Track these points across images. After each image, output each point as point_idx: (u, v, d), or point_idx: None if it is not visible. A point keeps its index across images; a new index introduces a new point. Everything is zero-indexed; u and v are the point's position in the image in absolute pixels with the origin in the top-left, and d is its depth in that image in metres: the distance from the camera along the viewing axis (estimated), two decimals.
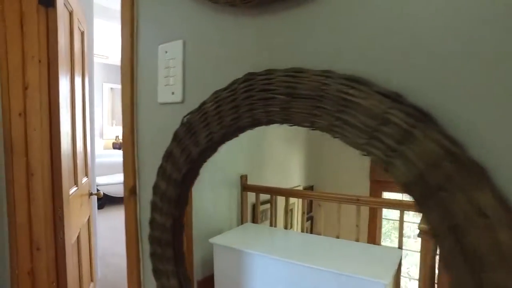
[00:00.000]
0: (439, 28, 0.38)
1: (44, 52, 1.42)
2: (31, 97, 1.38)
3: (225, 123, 0.51)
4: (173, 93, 0.63)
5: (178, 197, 0.59)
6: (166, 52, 0.64)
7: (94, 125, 2.40)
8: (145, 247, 0.73)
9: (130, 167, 0.71)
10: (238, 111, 0.50)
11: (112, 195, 5.48)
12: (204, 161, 0.57)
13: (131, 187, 0.72)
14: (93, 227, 2.26)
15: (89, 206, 2.17)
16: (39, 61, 1.41)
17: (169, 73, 0.63)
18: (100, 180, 5.05)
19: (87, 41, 2.22)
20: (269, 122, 0.47)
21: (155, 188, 0.63)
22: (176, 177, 0.58)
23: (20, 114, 1.35)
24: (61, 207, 1.47)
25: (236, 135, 0.53)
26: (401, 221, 1.74)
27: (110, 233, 4.08)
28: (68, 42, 1.70)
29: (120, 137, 6.61)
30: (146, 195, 0.71)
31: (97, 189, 2.53)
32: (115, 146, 8.13)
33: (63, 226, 1.49)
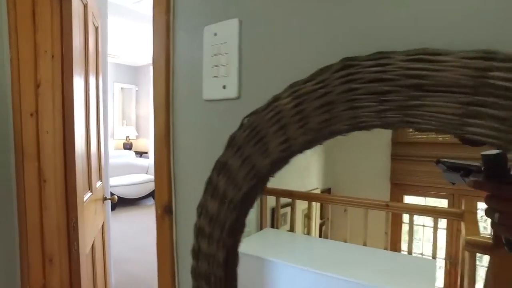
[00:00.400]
0: None
1: (58, 46, 1.30)
2: (43, 96, 1.26)
3: (311, 126, 0.37)
4: (224, 86, 0.49)
5: (234, 222, 0.45)
6: (215, 34, 0.50)
7: (107, 126, 2.29)
8: (183, 279, 0.60)
9: (165, 178, 0.58)
10: (332, 110, 0.36)
11: (123, 197, 5.38)
12: (272, 175, 0.43)
13: (165, 204, 0.58)
14: (107, 234, 2.14)
15: (103, 211, 2.05)
16: (52, 56, 1.29)
17: (219, 61, 0.49)
18: (111, 181, 4.96)
19: (101, 37, 2.10)
20: (383, 125, 0.33)
21: (202, 208, 0.49)
22: (234, 196, 0.44)
23: (31, 115, 1.23)
24: (75, 216, 1.35)
25: (321, 143, 0.39)
26: (435, 228, 1.59)
27: (122, 237, 3.98)
28: (83, 37, 1.58)
29: (131, 137, 6.56)
30: (186, 215, 0.57)
31: (110, 192, 2.42)
32: (126, 146, 8.06)
33: (77, 236, 1.37)
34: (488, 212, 0.40)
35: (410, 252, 2.03)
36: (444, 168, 0.48)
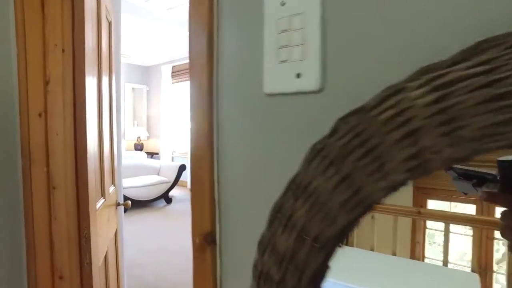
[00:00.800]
0: None
1: (69, 40, 1.18)
2: (53, 94, 1.14)
3: (466, 134, 0.23)
4: (298, 75, 0.36)
5: (319, 267, 0.31)
6: (283, 3, 0.36)
7: (120, 128, 2.17)
8: None
9: (206, 199, 0.44)
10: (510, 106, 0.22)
11: (135, 199, 5.29)
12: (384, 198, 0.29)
13: (205, 232, 0.44)
14: (120, 242, 2.02)
15: (116, 218, 1.93)
16: (63, 50, 1.17)
17: (289, 40, 0.36)
18: (122, 183, 4.87)
19: (115, 33, 1.99)
20: None
21: (266, 243, 0.35)
22: (322, 232, 0.30)
23: (40, 115, 1.11)
24: (88, 226, 1.23)
25: (472, 159, 0.25)
26: (477, 240, 1.43)
27: (134, 241, 3.87)
28: (96, 31, 1.46)
29: (142, 138, 6.49)
30: (237, 249, 0.44)
31: (123, 196, 2.30)
32: (137, 147, 8.00)
33: (89, 248, 1.25)
34: (504, 232, 0.31)
35: (445, 263, 1.86)
36: (454, 175, 0.42)
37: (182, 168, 5.95)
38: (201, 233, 0.45)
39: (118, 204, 1.95)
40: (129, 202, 1.95)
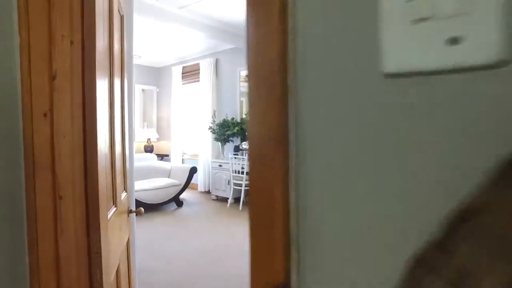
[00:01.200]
0: None
1: (78, 30, 1.05)
2: (59, 91, 1.01)
3: None
4: (455, 40, 0.21)
5: None
6: None
7: (132, 129, 2.04)
8: None
9: (276, 234, 0.29)
10: None
11: (146, 202, 5.18)
12: None
13: (276, 283, 0.29)
14: (132, 251, 1.89)
15: (128, 226, 1.80)
16: (71, 42, 1.04)
17: None
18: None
19: (127, 28, 1.86)
20: None
21: None
22: None
23: (45, 115, 0.98)
24: (98, 239, 1.09)
25: None
26: None
27: (144, 245, 3.75)
28: (108, 24, 1.33)
29: (152, 139, 6.39)
30: None
31: (135, 200, 2.17)
32: (147, 149, 7.92)
33: (100, 263, 1.12)
34: None
35: None
36: None
37: (193, 170, 5.83)
38: (268, 283, 0.30)
39: (130, 211, 1.82)
40: (142, 209, 1.82)
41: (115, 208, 1.41)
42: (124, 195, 1.71)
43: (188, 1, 4.51)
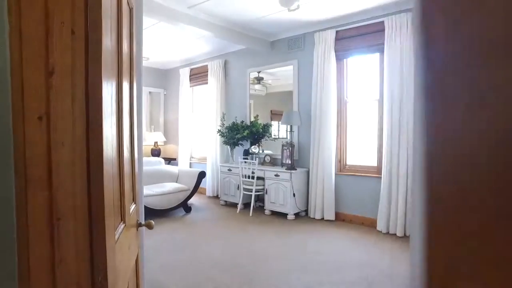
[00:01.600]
0: None
1: (81, 18, 0.88)
2: (58, 90, 0.83)
3: None
4: None
5: None
6: None
7: (142, 136, 1.87)
8: None
9: None
10: None
11: (153, 208, 5.01)
12: None
13: None
14: (141, 269, 1.71)
15: (137, 242, 1.62)
16: (73, 31, 0.86)
17: None
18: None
19: (136, 23, 1.69)
20: None
21: None
22: None
23: (40, 118, 0.80)
24: (104, 267, 0.91)
25: None
26: None
27: (150, 255, 3.57)
28: (116, 15, 1.16)
29: (159, 143, 6.24)
30: None
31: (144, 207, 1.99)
32: (154, 152, 7.78)
33: None
34: None
35: None
36: None
37: (202, 175, 5.66)
38: None
39: (139, 225, 1.64)
40: (152, 222, 1.64)
41: (123, 225, 1.24)
42: (133, 207, 1.53)
43: (197, 0, 4.35)
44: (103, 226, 0.90)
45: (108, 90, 0.98)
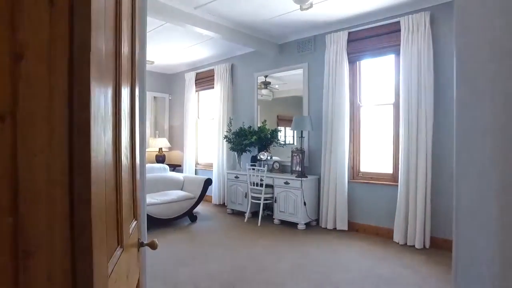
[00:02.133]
0: None
1: None
2: (30, 79, 0.61)
3: None
4: None
5: None
6: None
7: (145, 142, 1.65)
8: None
9: None
10: None
11: (157, 217, 4.78)
12: None
13: None
14: None
15: (138, 264, 1.39)
16: (51, 2, 0.65)
17: None
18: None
19: (139, 23, 1.48)
20: None
21: None
22: None
23: (1, 118, 0.58)
24: None
25: None
26: None
27: (156, 270, 3.33)
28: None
29: (164, 149, 6.02)
30: None
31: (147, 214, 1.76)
32: (158, 159, 7.57)
33: None
34: None
35: None
36: None
37: (208, 182, 5.43)
38: None
39: (141, 245, 1.42)
40: (156, 241, 1.41)
41: (121, 250, 1.01)
42: (133, 224, 1.31)
43: (204, 0, 4.17)
44: (90, 262, 0.68)
45: (100, 85, 0.77)
